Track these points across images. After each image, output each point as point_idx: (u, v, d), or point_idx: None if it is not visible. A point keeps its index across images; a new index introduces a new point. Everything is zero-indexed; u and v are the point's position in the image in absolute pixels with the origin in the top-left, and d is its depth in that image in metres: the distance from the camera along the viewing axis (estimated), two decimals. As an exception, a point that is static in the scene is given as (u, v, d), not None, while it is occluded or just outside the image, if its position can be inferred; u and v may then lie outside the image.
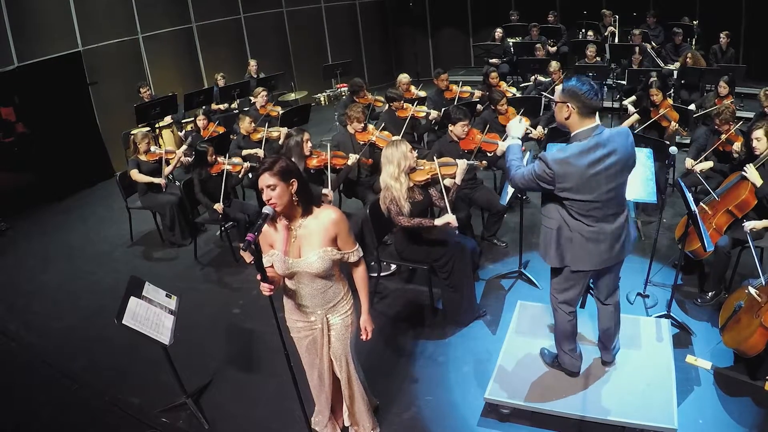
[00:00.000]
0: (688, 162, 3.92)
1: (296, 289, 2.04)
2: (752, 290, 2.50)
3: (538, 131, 4.58)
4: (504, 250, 4.01)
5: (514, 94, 5.48)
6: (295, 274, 1.99)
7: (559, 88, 2.14)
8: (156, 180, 4.43)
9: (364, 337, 2.17)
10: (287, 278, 2.03)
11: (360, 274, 2.14)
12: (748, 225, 2.77)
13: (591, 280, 2.47)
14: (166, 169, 4.54)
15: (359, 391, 2.28)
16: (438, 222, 2.96)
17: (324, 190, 3.60)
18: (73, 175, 6.01)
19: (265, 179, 1.86)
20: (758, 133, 3.10)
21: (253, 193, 5.15)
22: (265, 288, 1.86)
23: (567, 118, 2.08)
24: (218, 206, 3.98)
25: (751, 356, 2.51)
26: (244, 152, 4.73)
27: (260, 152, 4.74)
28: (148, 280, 2.74)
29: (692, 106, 4.89)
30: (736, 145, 3.62)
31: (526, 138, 5.00)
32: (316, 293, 2.03)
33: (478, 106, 5.14)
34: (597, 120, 2.10)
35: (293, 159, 3.53)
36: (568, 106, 2.05)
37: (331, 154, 3.87)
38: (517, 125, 2.38)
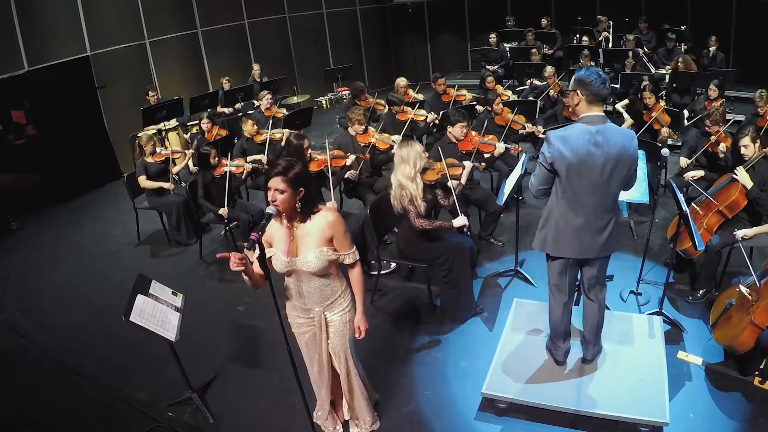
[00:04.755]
0: (683, 161, 3.99)
1: (295, 287, 2.10)
2: (743, 288, 2.54)
3: (535, 128, 4.71)
4: (501, 249, 4.08)
5: (509, 98, 5.58)
6: (293, 272, 2.05)
7: (574, 77, 2.25)
8: (165, 185, 4.51)
9: (357, 335, 2.22)
10: (287, 276, 2.09)
11: (355, 276, 2.17)
12: (740, 233, 2.76)
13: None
14: (174, 169, 4.64)
15: (358, 386, 2.33)
16: (456, 224, 3.11)
17: (329, 203, 3.65)
18: (81, 177, 6.10)
19: (276, 182, 1.90)
20: (745, 140, 3.13)
21: (256, 193, 5.23)
22: (235, 261, 1.83)
23: (576, 105, 2.19)
24: (223, 211, 4.00)
25: (741, 353, 2.55)
26: (249, 158, 4.81)
27: (264, 158, 4.82)
28: (154, 278, 2.78)
29: (685, 112, 4.99)
30: (722, 146, 3.69)
31: (521, 137, 5.11)
32: (313, 291, 2.08)
33: (478, 107, 5.24)
34: (601, 111, 2.18)
35: None
36: (577, 93, 2.16)
37: (330, 156, 3.96)
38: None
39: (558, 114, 5.36)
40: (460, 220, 3.12)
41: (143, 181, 4.48)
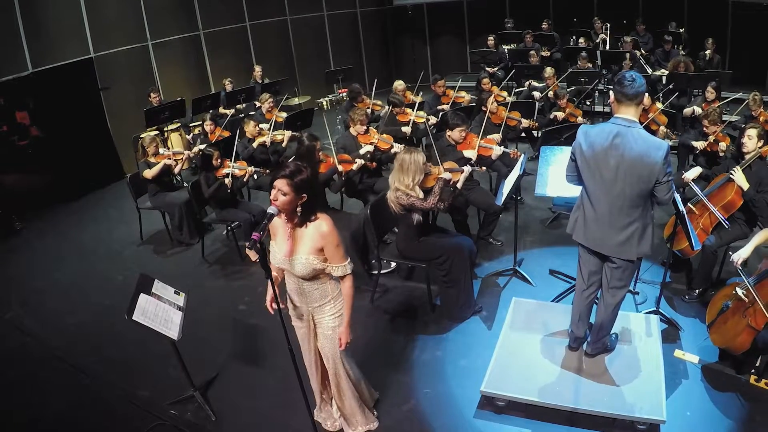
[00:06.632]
0: (698, 144, 4.00)
1: (289, 284, 2.17)
2: (739, 291, 2.55)
3: (531, 122, 4.84)
4: (499, 249, 4.11)
5: (504, 98, 5.62)
6: (286, 270, 2.12)
7: None
8: (167, 161, 4.50)
9: (339, 346, 2.21)
10: (285, 272, 2.15)
11: (345, 290, 2.16)
12: (737, 258, 2.66)
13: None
14: (175, 169, 4.69)
15: (348, 388, 2.35)
16: (461, 181, 3.28)
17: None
18: (85, 177, 6.14)
19: (281, 184, 1.95)
20: (751, 132, 3.14)
21: (259, 194, 5.28)
22: (252, 255, 1.93)
23: (612, 102, 2.24)
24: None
25: (738, 354, 2.58)
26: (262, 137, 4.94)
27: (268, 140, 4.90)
28: (157, 277, 2.81)
29: (697, 109, 5.00)
30: (722, 145, 3.72)
31: (520, 138, 5.14)
32: (302, 292, 2.14)
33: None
34: (633, 115, 2.16)
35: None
36: (612, 91, 2.23)
37: (338, 159, 4.00)
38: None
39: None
40: (463, 177, 3.32)
41: (148, 172, 4.46)
